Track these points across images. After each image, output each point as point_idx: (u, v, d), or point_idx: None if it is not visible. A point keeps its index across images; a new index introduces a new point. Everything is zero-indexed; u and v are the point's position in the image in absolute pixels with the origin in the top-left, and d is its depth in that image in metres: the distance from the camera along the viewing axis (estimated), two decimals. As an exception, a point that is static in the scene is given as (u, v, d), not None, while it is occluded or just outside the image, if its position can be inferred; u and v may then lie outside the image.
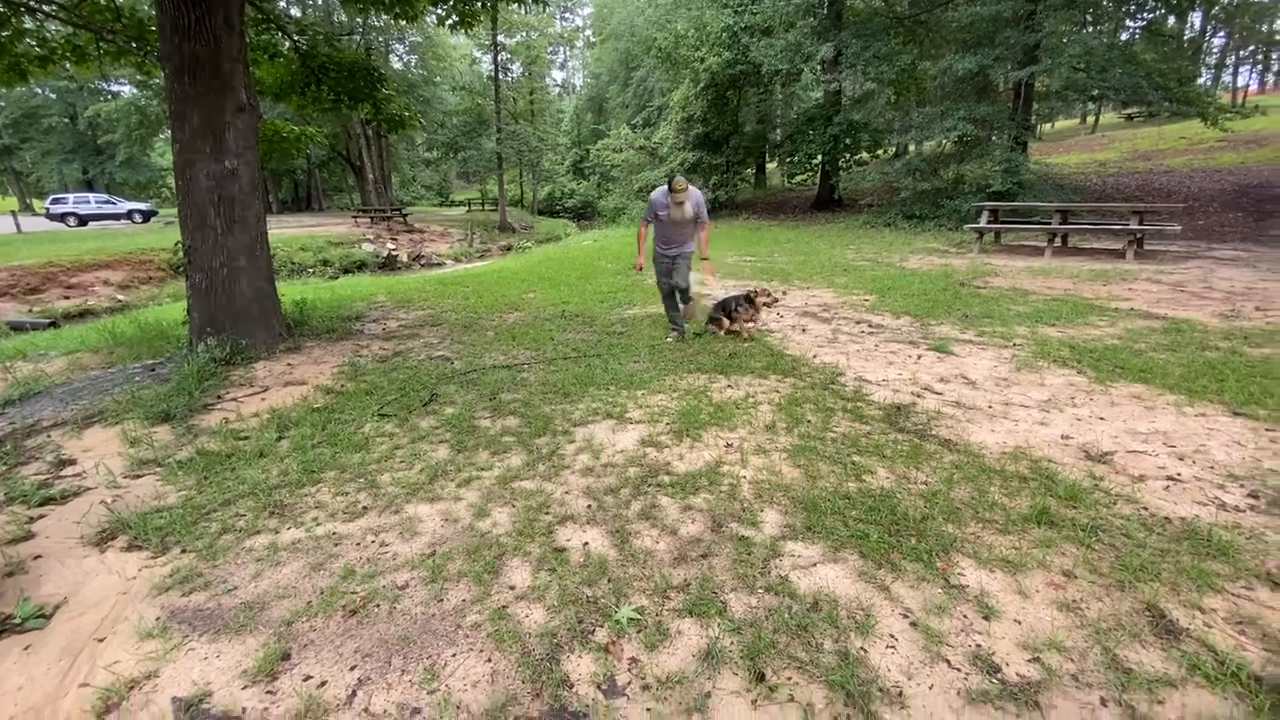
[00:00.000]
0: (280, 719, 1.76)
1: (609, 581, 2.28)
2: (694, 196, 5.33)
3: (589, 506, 2.84)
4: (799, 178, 25.24)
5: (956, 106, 15.76)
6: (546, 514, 2.78)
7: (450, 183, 57.89)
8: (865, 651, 1.89)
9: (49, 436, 3.98)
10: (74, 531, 2.84)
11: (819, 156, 22.46)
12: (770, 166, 32.81)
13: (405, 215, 26.28)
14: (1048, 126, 37.78)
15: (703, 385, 4.44)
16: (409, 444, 3.63)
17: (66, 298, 12.96)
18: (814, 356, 5.14)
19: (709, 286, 8.89)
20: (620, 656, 1.92)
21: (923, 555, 2.32)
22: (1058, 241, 10.67)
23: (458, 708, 1.77)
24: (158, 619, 2.21)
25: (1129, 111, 32.41)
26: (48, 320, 11.29)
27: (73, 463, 3.60)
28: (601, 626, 2.05)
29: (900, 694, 1.73)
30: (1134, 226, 9.42)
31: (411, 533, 2.69)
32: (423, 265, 19.66)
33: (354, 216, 25.82)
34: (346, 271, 16.93)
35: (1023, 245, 11.61)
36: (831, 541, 2.46)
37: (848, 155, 21.64)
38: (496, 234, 28.74)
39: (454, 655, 1.97)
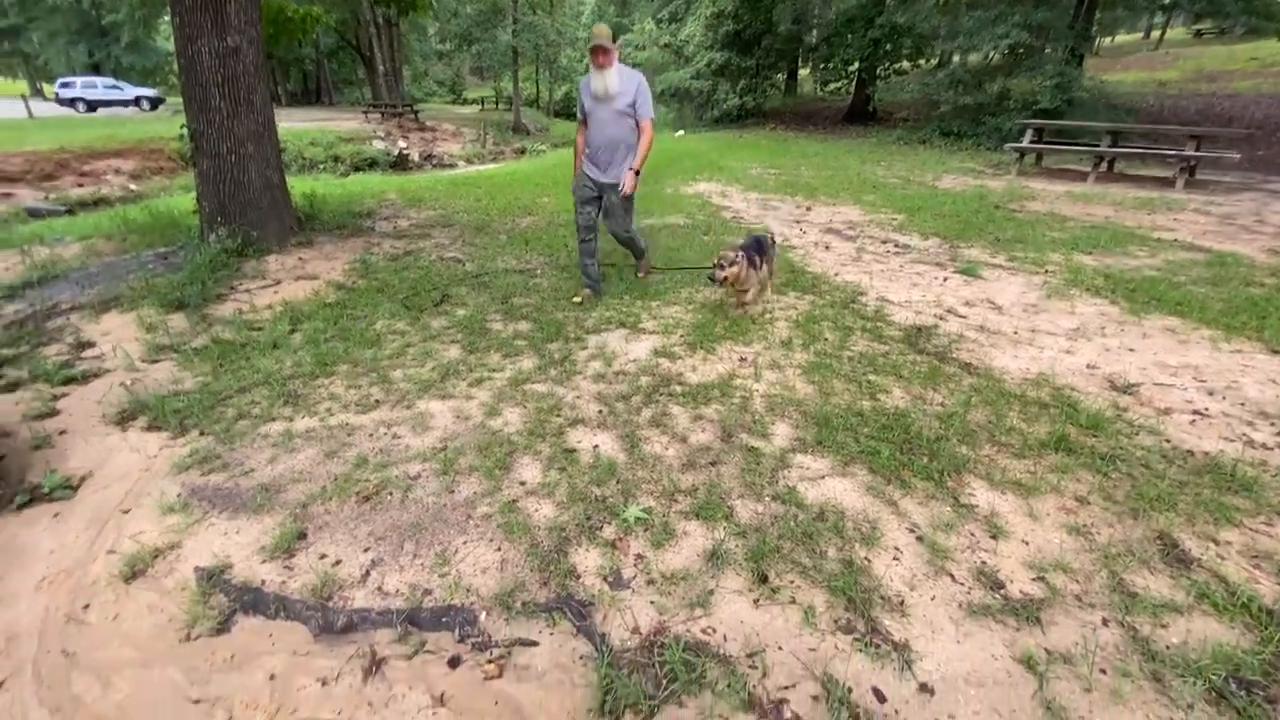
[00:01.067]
0: (298, 592, 1.83)
1: (618, 483, 2.30)
2: (631, 76, 3.83)
3: (600, 411, 2.83)
4: (832, 86, 23.73)
5: (1012, 10, 14.44)
6: (557, 416, 2.78)
7: (463, 78, 55.14)
8: (869, 561, 1.91)
9: (68, 319, 4.01)
10: (96, 411, 2.89)
11: (856, 63, 21.04)
12: (803, 73, 30.77)
13: (416, 112, 25.16)
14: (1107, 41, 34.83)
15: (719, 299, 4.34)
16: (420, 342, 3.62)
17: (80, 185, 12.75)
18: (836, 275, 4.98)
19: (730, 199, 8.56)
20: (627, 552, 1.96)
21: (934, 474, 2.31)
22: (1104, 166, 10.04)
23: (468, 590, 1.82)
24: (179, 495, 2.27)
25: (1199, 26, 29.74)
26: (64, 207, 11.17)
27: (91, 345, 3.64)
28: (609, 524, 2.09)
29: (902, 603, 1.75)
30: (1189, 153, 8.80)
31: (423, 427, 2.71)
32: (434, 165, 19.02)
33: (364, 112, 24.73)
34: (357, 169, 16.40)
35: (1065, 169, 10.97)
36: (841, 456, 2.45)
37: (887, 63, 20.20)
38: (510, 135, 27.60)
39: (465, 543, 2.02)
